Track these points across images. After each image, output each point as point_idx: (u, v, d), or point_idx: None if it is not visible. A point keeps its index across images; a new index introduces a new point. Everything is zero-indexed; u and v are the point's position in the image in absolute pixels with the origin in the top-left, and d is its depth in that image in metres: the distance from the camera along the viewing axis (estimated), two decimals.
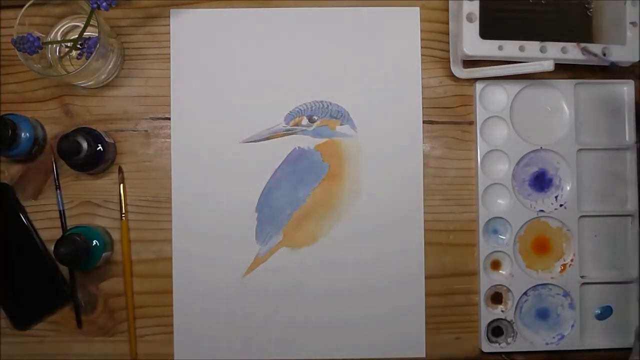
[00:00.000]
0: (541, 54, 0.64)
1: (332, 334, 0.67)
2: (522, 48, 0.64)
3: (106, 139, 0.65)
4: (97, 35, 0.60)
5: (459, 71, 0.68)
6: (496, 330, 0.68)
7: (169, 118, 0.68)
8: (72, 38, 0.63)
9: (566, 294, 0.68)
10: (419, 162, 0.68)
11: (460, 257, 0.69)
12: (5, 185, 0.67)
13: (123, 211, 0.67)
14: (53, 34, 0.65)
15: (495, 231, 0.68)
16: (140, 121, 0.68)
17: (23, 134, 0.63)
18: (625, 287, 0.68)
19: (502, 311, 0.67)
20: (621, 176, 0.69)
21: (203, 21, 0.68)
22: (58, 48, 0.65)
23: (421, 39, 0.69)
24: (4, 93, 0.68)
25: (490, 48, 0.64)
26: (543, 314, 0.68)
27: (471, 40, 0.64)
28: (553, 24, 0.68)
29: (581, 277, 0.67)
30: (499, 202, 0.68)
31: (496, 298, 0.68)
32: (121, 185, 0.67)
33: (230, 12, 0.69)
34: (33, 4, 0.60)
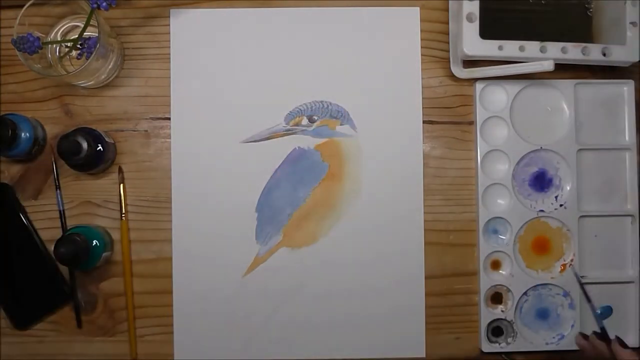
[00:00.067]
0: (541, 54, 0.64)
1: (332, 334, 0.67)
2: (522, 48, 0.64)
3: (106, 139, 0.65)
4: (97, 35, 0.60)
5: (459, 71, 0.68)
6: (496, 330, 0.68)
7: (169, 118, 0.68)
8: (72, 38, 0.63)
9: (566, 294, 0.68)
10: (419, 162, 0.68)
11: (460, 257, 0.69)
12: (5, 185, 0.67)
13: (123, 211, 0.67)
14: (53, 34, 0.65)
15: (495, 231, 0.68)
16: (140, 121, 0.68)
17: (23, 134, 0.63)
18: (625, 287, 0.68)
19: (502, 311, 0.67)
20: (621, 176, 0.69)
21: (203, 21, 0.68)
22: (58, 48, 0.65)
23: (421, 39, 0.69)
24: (4, 93, 0.68)
25: (490, 48, 0.64)
26: (543, 314, 0.68)
27: (471, 40, 0.64)
28: (553, 24, 0.68)
29: (581, 277, 0.67)
30: (499, 202, 0.68)
31: (496, 298, 0.68)
32: (121, 185, 0.67)
33: (230, 12, 0.69)
34: (33, 4, 0.60)
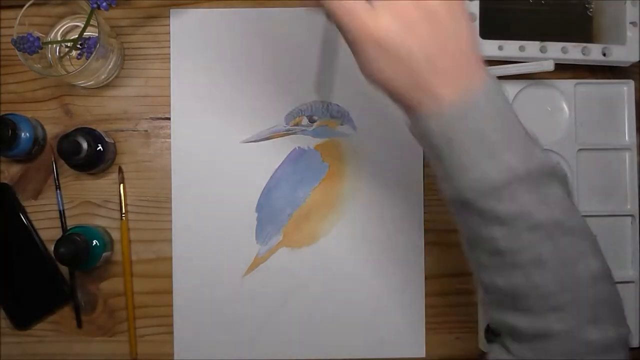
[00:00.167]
0: (541, 54, 0.64)
1: (332, 334, 0.67)
2: (522, 48, 0.64)
3: (106, 139, 0.65)
4: (97, 35, 0.60)
5: None
6: (496, 330, 0.68)
7: (169, 118, 0.68)
8: (72, 38, 0.63)
9: None
10: (419, 162, 0.68)
11: (460, 257, 0.68)
12: (5, 185, 0.67)
13: (123, 211, 0.67)
14: (53, 34, 0.65)
15: None
16: (140, 121, 0.68)
17: (23, 134, 0.63)
18: (625, 287, 0.68)
19: None
20: (621, 176, 0.69)
21: (203, 21, 0.68)
22: (58, 48, 0.65)
23: None
24: (4, 93, 0.68)
25: (490, 48, 0.64)
26: None
27: None
28: (553, 24, 0.68)
29: None
30: None
31: None
32: (121, 185, 0.67)
33: (230, 12, 0.68)
34: (33, 4, 0.60)
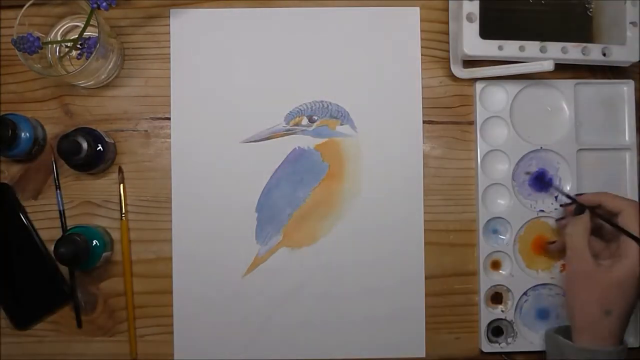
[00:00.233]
0: (541, 54, 0.64)
1: (332, 334, 0.67)
2: (522, 48, 0.64)
3: (106, 139, 0.65)
4: (97, 35, 0.60)
5: (459, 71, 0.68)
6: (496, 330, 0.68)
7: (169, 118, 0.68)
8: (72, 38, 0.63)
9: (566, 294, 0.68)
10: (419, 162, 0.68)
11: (460, 257, 0.69)
12: (5, 185, 0.67)
13: (123, 211, 0.67)
14: (53, 34, 0.65)
15: (495, 231, 0.68)
16: (140, 121, 0.68)
17: (23, 134, 0.63)
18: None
19: (502, 311, 0.67)
20: (621, 176, 0.69)
21: (203, 21, 0.68)
22: (58, 48, 0.65)
23: (421, 39, 0.69)
24: (4, 93, 0.68)
25: (490, 48, 0.64)
26: (543, 314, 0.68)
27: (471, 40, 0.63)
28: (553, 24, 0.68)
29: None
30: (499, 202, 0.68)
31: (496, 298, 0.68)
32: (121, 185, 0.67)
33: (230, 12, 0.68)
34: (33, 4, 0.60)
